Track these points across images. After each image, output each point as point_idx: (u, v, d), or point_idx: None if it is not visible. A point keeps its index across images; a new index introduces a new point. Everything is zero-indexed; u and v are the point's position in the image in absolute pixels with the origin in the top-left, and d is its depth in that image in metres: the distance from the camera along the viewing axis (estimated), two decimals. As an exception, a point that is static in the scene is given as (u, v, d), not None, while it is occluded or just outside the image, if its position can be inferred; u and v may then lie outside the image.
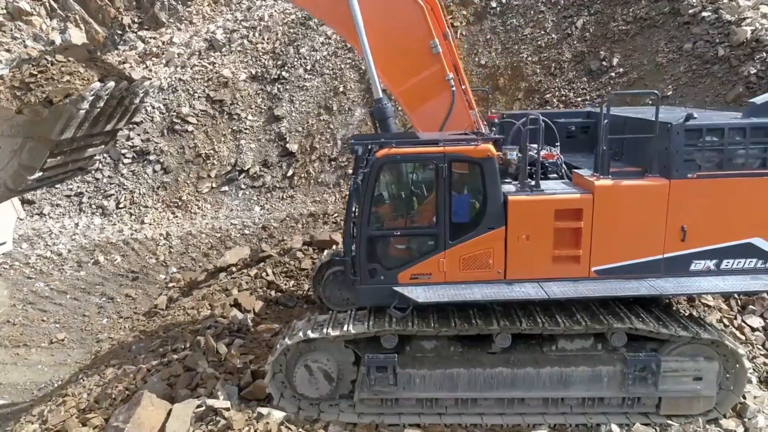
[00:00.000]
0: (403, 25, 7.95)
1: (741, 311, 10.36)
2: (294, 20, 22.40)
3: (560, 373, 7.43)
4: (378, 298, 7.39)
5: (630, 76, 16.85)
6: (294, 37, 21.83)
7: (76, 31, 26.38)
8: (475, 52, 20.21)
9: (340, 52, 21.43)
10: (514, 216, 7.18)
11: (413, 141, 7.32)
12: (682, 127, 6.98)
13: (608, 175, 7.24)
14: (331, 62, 21.20)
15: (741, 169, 7.11)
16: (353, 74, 20.89)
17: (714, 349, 7.42)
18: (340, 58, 21.32)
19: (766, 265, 7.35)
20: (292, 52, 21.44)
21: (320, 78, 20.91)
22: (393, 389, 7.43)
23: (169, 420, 7.01)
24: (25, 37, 25.19)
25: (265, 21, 22.72)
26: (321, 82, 20.82)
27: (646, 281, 7.30)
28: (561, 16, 19.47)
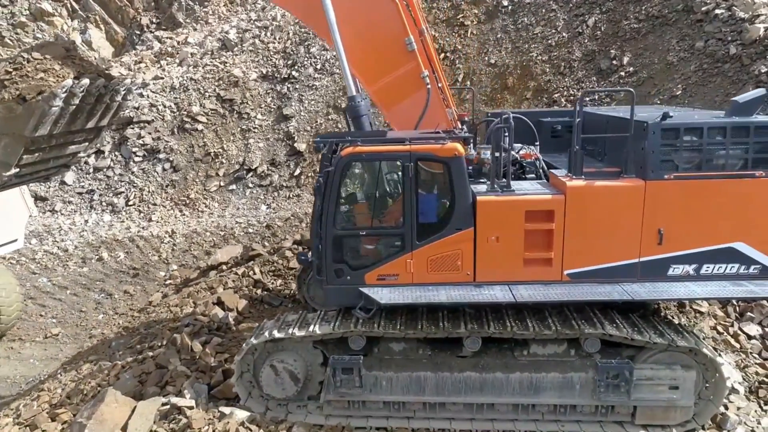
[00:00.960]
0: (377, 21, 7.84)
1: (739, 318, 9.99)
2: (305, 20, 22.38)
3: (530, 379, 7.23)
4: (344, 298, 7.29)
5: (640, 75, 16.42)
6: (305, 36, 21.85)
7: (96, 31, 26.93)
8: (485, 51, 19.96)
9: (350, 51, 21.34)
10: (483, 217, 7.00)
11: (379, 139, 7.19)
12: (658, 126, 6.73)
13: (581, 175, 7.02)
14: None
15: (721, 170, 6.81)
16: (362, 73, 20.78)
17: (692, 357, 7.12)
18: (350, 57, 21.23)
19: (750, 270, 7.03)
20: (303, 51, 21.47)
21: (330, 77, 20.89)
22: (358, 391, 7.33)
23: (132, 417, 7.02)
24: (46, 38, 25.74)
25: (278, 21, 22.80)
26: (330, 81, 20.79)
27: (620, 286, 7.05)
28: (573, 15, 19.10)
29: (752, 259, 7.00)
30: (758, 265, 7.01)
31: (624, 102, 16.38)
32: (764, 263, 7.01)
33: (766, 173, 6.77)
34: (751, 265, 7.02)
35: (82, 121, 8.44)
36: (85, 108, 8.21)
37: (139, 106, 20.43)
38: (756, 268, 7.02)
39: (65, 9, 26.54)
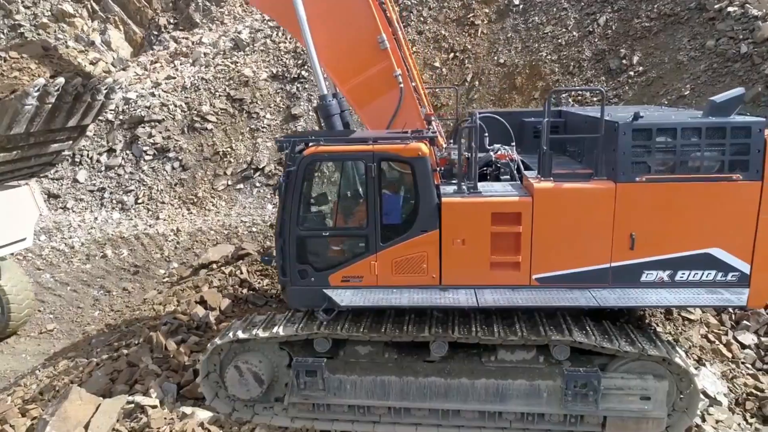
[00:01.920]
0: (349, 19, 7.73)
1: (734, 327, 9.63)
2: (316, 20, 22.40)
3: (496, 386, 7.04)
4: (308, 300, 7.20)
5: (649, 75, 16.00)
6: (315, 36, 21.81)
7: (115, 32, 27.40)
8: (494, 50, 19.70)
9: (360, 51, 21.31)
10: (448, 218, 6.84)
11: (342, 139, 7.09)
12: (629, 126, 6.49)
13: (550, 177, 6.81)
14: (351, 61, 21.09)
15: (696, 173, 6.53)
16: (371, 73, 20.71)
17: (665, 367, 6.85)
18: (359, 57, 21.19)
19: (727, 278, 6.74)
20: (313, 51, 21.43)
21: (340, 77, 20.81)
22: (322, 394, 7.23)
23: (96, 415, 7.05)
24: (67, 38, 26.31)
25: (290, 20, 22.82)
26: (340, 81, 20.72)
27: (589, 292, 6.82)
28: (584, 13, 18.73)
29: (730, 266, 6.70)
30: (736, 272, 6.72)
31: (633, 101, 16.00)
32: (743, 270, 6.71)
33: (744, 176, 6.47)
34: (728, 272, 6.73)
35: (61, 119, 8.52)
36: (63, 107, 8.30)
37: (151, 105, 20.69)
38: (734, 275, 6.72)
39: (86, 10, 27.07)
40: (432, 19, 21.04)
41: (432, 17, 21.10)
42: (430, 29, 20.86)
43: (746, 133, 6.41)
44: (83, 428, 6.91)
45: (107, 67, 25.61)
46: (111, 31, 26.97)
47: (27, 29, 25.60)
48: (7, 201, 10.62)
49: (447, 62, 20.19)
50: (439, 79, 20.03)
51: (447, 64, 20.17)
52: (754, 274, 6.70)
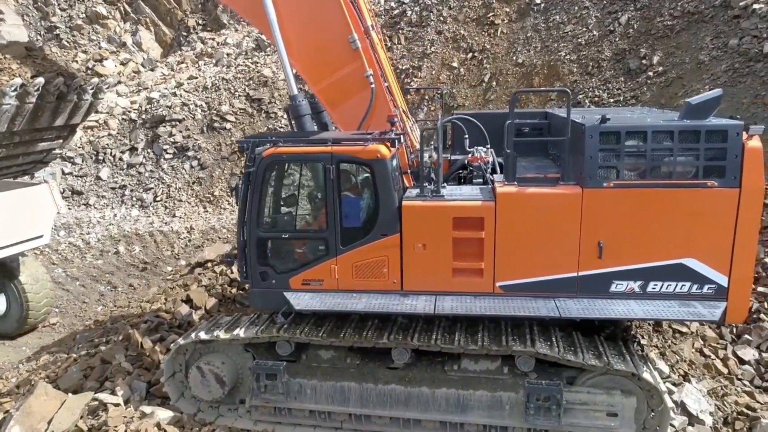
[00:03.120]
0: (320, 19, 7.63)
1: (735, 341, 9.12)
2: (336, 20, 22.42)
3: (457, 396, 6.82)
4: (270, 302, 7.13)
5: (668, 75, 15.38)
6: (335, 36, 21.83)
7: (146, 33, 28.03)
8: (513, 50, 19.32)
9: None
10: (409, 223, 6.66)
11: (302, 140, 6.99)
12: (596, 129, 6.17)
13: (514, 181, 6.55)
14: (369, 62, 21.01)
15: (668, 179, 6.16)
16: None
17: (635, 382, 6.50)
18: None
19: (703, 290, 6.35)
20: (332, 51, 21.44)
21: (357, 77, 20.75)
22: (282, 398, 7.14)
23: (60, 411, 7.14)
24: (100, 39, 27.05)
25: (310, 21, 22.90)
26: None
27: (554, 301, 6.53)
28: (606, 12, 18.19)
29: (705, 278, 6.31)
30: (713, 284, 6.32)
31: (650, 103, 15.41)
32: (720, 283, 6.31)
33: (720, 183, 6.08)
34: (704, 285, 6.33)
35: (47, 119, 8.68)
36: (46, 106, 8.44)
37: (172, 105, 21.05)
38: (710, 287, 6.33)
39: (119, 12, 27.76)
40: (452, 19, 20.77)
41: (452, 17, 20.83)
42: (450, 29, 20.60)
43: (722, 137, 6.02)
44: (46, 423, 7.01)
45: (137, 68, 26.26)
46: (142, 32, 27.59)
47: (62, 30, 26.41)
48: (26, 199, 10.92)
49: (465, 62, 19.90)
50: (457, 80, 19.77)
51: (465, 64, 19.88)
52: (732, 286, 6.30)
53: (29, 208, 11.00)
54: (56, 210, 12.33)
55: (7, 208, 10.53)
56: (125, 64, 26.17)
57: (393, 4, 22.02)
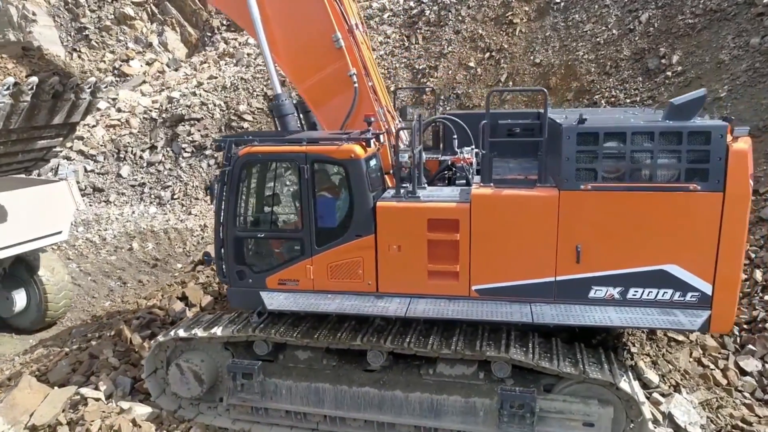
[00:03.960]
0: (304, 17, 7.58)
1: (738, 350, 8.76)
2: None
3: (431, 400, 6.70)
4: (247, 301, 7.12)
5: (687, 75, 14.89)
6: (353, 36, 21.82)
7: (171, 33, 28.52)
8: (531, 50, 18.98)
9: (398, 51, 21.20)
10: (383, 224, 6.58)
11: (277, 139, 6.96)
12: (573, 130, 5.98)
13: (490, 182, 6.40)
14: (387, 61, 20.97)
15: (649, 182, 5.93)
16: (407, 73, 20.57)
17: (613, 392, 6.28)
18: (396, 57, 21.08)
19: (686, 298, 6.09)
20: (350, 51, 21.44)
21: (375, 77, 20.70)
22: (257, 398, 7.13)
23: (42, 404, 7.26)
24: (127, 40, 27.61)
25: (330, 21, 22.94)
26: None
27: (529, 306, 6.36)
28: (626, 10, 17.72)
29: (688, 285, 6.06)
30: (696, 292, 6.06)
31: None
32: (703, 291, 6.05)
33: (703, 187, 5.82)
34: (687, 292, 6.08)
35: (44, 117, 8.84)
36: (42, 105, 8.60)
37: (191, 104, 21.33)
38: (694, 295, 6.07)
39: (146, 13, 28.30)
40: (470, 18, 20.54)
41: (470, 16, 20.60)
42: (468, 28, 20.37)
43: (705, 138, 5.76)
44: (28, 416, 7.13)
45: (162, 68, 26.71)
46: (168, 32, 28.08)
47: (92, 31, 27.05)
48: (46, 195, 11.19)
49: (482, 62, 19.64)
50: (474, 79, 19.53)
51: (482, 64, 19.62)
52: (717, 295, 6.04)
53: (49, 204, 11.24)
54: (75, 207, 12.58)
55: (27, 205, 10.81)
56: (150, 64, 26.64)
57: (412, 4, 21.91)
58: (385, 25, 21.79)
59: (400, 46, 21.14)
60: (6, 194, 10.52)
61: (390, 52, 21.07)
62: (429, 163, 7.94)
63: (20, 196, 10.76)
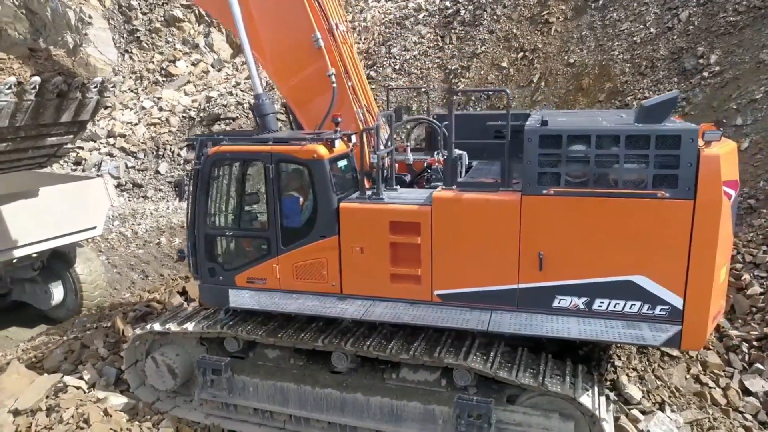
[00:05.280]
0: (286, 18, 7.58)
1: (745, 369, 8.21)
2: (391, 20, 22.45)
3: (391, 405, 6.58)
4: (217, 298, 7.21)
5: (724, 76, 14.10)
6: (388, 36, 21.87)
7: (217, 35, 29.26)
8: (566, 50, 18.44)
9: (431, 51, 21.04)
10: (346, 225, 6.52)
11: (246, 138, 7.01)
12: (536, 132, 5.75)
13: (452, 185, 6.24)
14: (420, 62, 20.86)
15: (614, 187, 5.63)
16: (439, 74, 20.36)
17: (576, 406, 5.99)
18: (429, 57, 20.93)
19: (655, 311, 5.75)
20: (384, 51, 21.48)
21: (407, 78, 20.67)
22: (225, 394, 7.20)
23: (27, 390, 7.57)
24: (175, 41, 28.52)
25: (367, 21, 23.05)
26: (407, 82, 20.55)
27: (490, 314, 6.15)
28: (666, 8, 16.95)
29: (657, 298, 5.72)
30: (666, 305, 5.71)
31: (701, 105, 14.21)
32: (673, 304, 5.69)
33: (672, 194, 5.48)
34: (656, 305, 5.74)
35: (50, 115, 9.21)
36: (47, 104, 8.96)
37: (227, 103, 21.82)
38: (664, 309, 5.72)
39: (193, 15, 29.12)
40: (505, 18, 20.14)
41: (506, 15, 20.20)
42: (502, 28, 19.98)
43: (675, 142, 5.42)
44: (14, 400, 7.45)
45: (207, 68, 27.46)
46: (214, 34, 28.80)
47: (142, 33, 28.08)
48: (82, 192, 11.71)
49: (515, 62, 19.23)
50: (506, 80, 19.13)
51: (515, 64, 19.20)
52: (688, 309, 5.67)
53: (85, 200, 11.72)
54: (110, 203, 13.08)
55: (63, 200, 11.33)
56: (196, 65, 27.41)
57: (448, 3, 21.68)
58: (420, 25, 21.64)
59: (434, 46, 20.95)
60: (43, 190, 11.08)
61: (424, 53, 20.92)
62: (417, 165, 7.84)
63: (57, 191, 11.28)
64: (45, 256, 12.03)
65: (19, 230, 10.56)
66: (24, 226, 10.61)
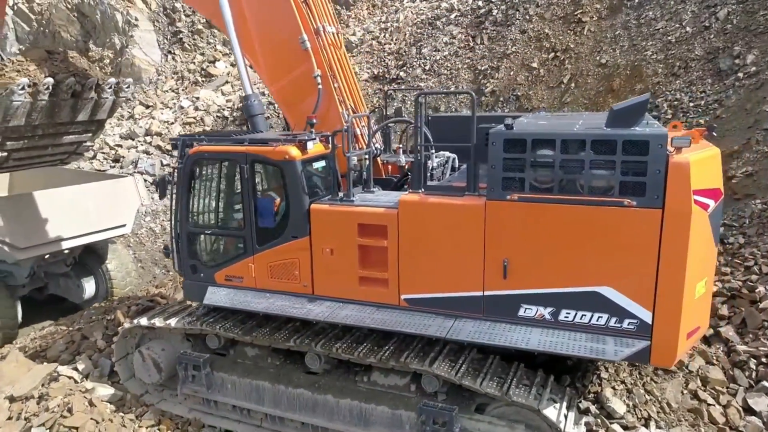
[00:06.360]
0: (274, 19, 7.67)
1: (751, 386, 7.80)
2: (423, 20, 22.36)
3: (359, 408, 6.56)
4: (199, 295, 7.36)
5: (761, 77, 13.40)
6: (419, 37, 21.79)
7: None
8: (598, 50, 17.92)
9: (461, 51, 20.83)
10: (317, 226, 6.55)
11: (224, 139, 7.11)
12: (500, 135, 5.61)
13: (420, 188, 6.16)
14: (450, 62, 20.67)
15: (579, 194, 5.44)
16: (468, 74, 20.11)
17: (542, 418, 5.82)
18: (460, 58, 20.71)
19: (623, 325, 5.53)
20: (414, 52, 21.42)
21: (436, 78, 20.51)
22: (204, 390, 7.34)
23: (24, 377, 7.91)
24: (216, 42, 29.22)
25: (399, 22, 23.04)
26: (436, 83, 20.40)
27: (454, 321, 6.05)
28: (704, 6, 16.25)
29: (625, 311, 5.49)
30: (634, 319, 5.48)
31: (733, 108, 13.54)
32: (642, 318, 5.45)
33: (639, 202, 5.25)
34: (624, 319, 5.51)
35: (66, 114, 9.60)
36: (62, 103, 9.35)
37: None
38: (632, 323, 5.49)
39: (235, 17, 29.69)
40: (538, 17, 19.74)
41: (538, 15, 19.79)
42: (534, 28, 19.59)
43: (642, 148, 5.19)
44: (11, 387, 7.80)
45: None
46: (255, 35, 29.29)
47: (185, 35, 28.90)
48: (112, 190, 12.17)
49: (546, 63, 18.81)
50: (535, 81, 18.76)
51: (546, 65, 18.79)
52: (657, 324, 5.42)
53: (115, 198, 12.16)
54: (140, 202, 13.48)
55: (94, 198, 11.78)
56: (234, 65, 27.96)
57: (480, 3, 21.42)
58: (452, 25, 21.45)
59: (465, 46, 20.72)
60: (74, 188, 11.57)
61: (454, 53, 20.72)
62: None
63: (88, 190, 11.75)
64: (76, 252, 12.47)
65: (50, 227, 11.01)
66: (55, 224, 11.05)
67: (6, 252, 10.42)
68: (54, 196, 11.06)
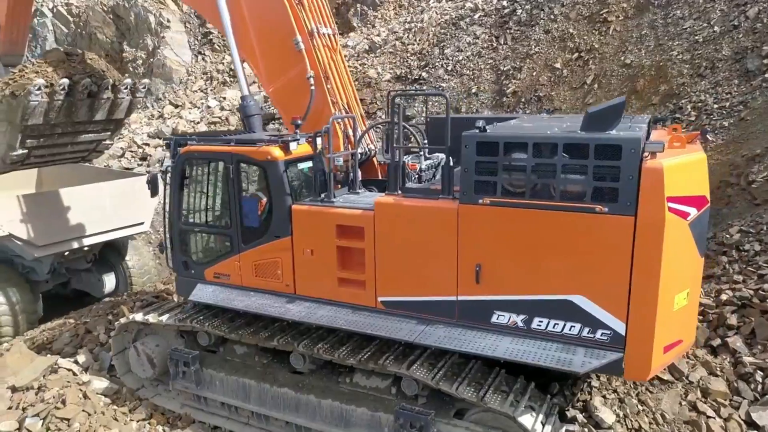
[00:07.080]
0: (269, 20, 7.76)
1: (756, 399, 7.52)
2: (447, 21, 22.25)
3: (340, 409, 6.60)
4: (190, 291, 7.50)
5: (787, 78, 12.92)
6: (442, 37, 21.70)
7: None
8: (623, 50, 17.54)
9: (484, 52, 20.65)
10: (298, 226, 6.63)
11: (213, 139, 7.24)
12: (473, 138, 5.56)
13: (396, 191, 6.16)
14: (473, 62, 20.52)
15: (551, 200, 5.34)
16: (490, 75, 19.94)
17: (518, 425, 5.73)
18: (483, 58, 20.54)
19: (596, 335, 5.40)
20: (437, 52, 21.34)
21: (458, 79, 20.39)
22: (193, 386, 7.48)
23: (27, 368, 8.20)
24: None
25: (423, 23, 22.98)
26: (458, 83, 20.28)
27: (427, 325, 6.03)
28: (733, 5, 15.74)
29: (598, 321, 5.37)
30: (607, 330, 5.35)
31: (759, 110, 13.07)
32: (615, 329, 5.32)
33: (610, 209, 5.13)
34: (597, 329, 5.39)
35: (84, 113, 9.93)
36: (79, 103, 9.68)
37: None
38: (605, 333, 5.36)
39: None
40: (563, 17, 19.43)
41: (563, 14, 19.48)
42: (559, 28, 19.29)
43: (615, 153, 5.07)
44: (13, 377, 8.10)
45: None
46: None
47: (215, 36, 29.37)
48: (131, 188, 12.48)
49: (569, 63, 18.50)
50: (558, 81, 18.47)
51: (569, 65, 18.48)
52: (630, 335, 5.28)
53: (134, 197, 12.48)
54: (158, 200, 13.80)
55: (113, 196, 12.11)
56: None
57: (505, 3, 21.18)
58: (476, 25, 21.28)
59: (488, 47, 20.53)
60: (92, 186, 11.93)
61: (477, 53, 20.56)
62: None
63: (107, 188, 12.10)
64: (96, 249, 12.81)
65: (68, 225, 11.35)
66: (72, 222, 11.39)
67: (24, 249, 10.80)
68: (72, 194, 11.41)
